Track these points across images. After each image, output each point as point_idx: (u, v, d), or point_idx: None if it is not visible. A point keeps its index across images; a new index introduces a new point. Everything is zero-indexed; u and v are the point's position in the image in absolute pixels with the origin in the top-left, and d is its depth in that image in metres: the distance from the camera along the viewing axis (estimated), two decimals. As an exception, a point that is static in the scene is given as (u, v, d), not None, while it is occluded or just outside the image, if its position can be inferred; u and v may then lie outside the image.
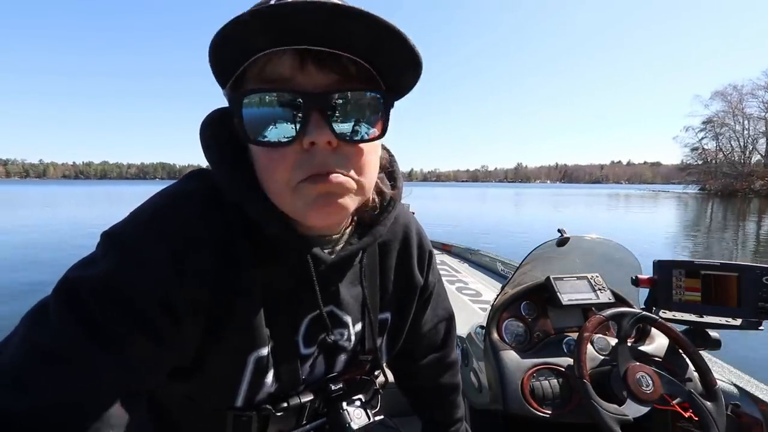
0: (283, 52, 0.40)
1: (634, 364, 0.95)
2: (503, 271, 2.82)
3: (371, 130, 0.45)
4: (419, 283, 0.70)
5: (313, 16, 0.36)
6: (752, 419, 1.03)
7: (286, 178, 0.43)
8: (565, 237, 1.25)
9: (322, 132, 0.41)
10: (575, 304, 1.15)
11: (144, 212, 0.46)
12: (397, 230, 0.67)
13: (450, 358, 0.82)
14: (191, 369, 0.49)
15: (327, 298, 0.57)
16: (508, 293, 1.24)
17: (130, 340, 0.40)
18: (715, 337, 1.08)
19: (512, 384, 1.03)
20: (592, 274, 1.23)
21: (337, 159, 0.43)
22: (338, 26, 0.37)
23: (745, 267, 1.07)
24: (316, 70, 0.41)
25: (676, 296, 1.15)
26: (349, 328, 0.60)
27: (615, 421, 0.89)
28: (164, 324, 0.42)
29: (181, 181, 0.51)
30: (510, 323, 1.20)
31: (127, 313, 0.40)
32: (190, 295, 0.44)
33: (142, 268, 0.42)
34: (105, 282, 0.40)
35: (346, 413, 0.59)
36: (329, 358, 0.60)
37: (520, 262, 1.28)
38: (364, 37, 0.39)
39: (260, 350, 0.51)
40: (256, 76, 0.42)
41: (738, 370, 1.17)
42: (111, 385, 0.39)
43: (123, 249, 0.42)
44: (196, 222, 0.46)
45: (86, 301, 0.40)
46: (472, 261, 3.32)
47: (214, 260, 0.46)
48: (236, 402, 0.52)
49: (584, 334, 1.00)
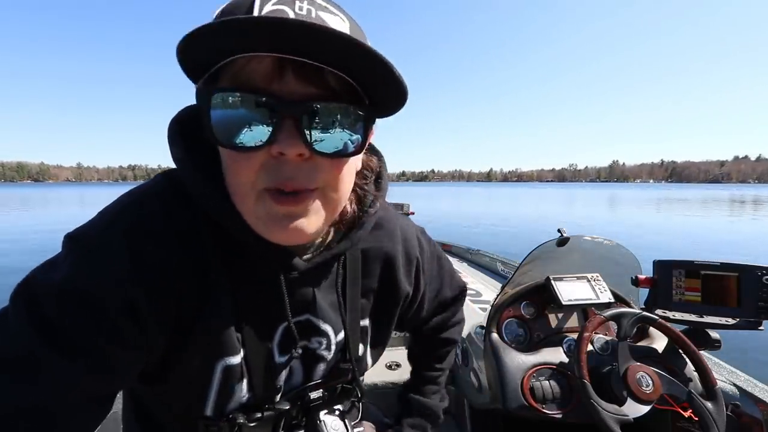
0: (263, 58, 0.39)
1: (634, 364, 0.95)
2: (503, 271, 2.82)
3: (348, 145, 0.43)
4: (405, 292, 0.67)
5: (298, 30, 0.35)
6: (752, 419, 1.03)
7: (250, 181, 0.41)
8: (565, 237, 1.25)
9: (292, 142, 0.39)
10: (575, 304, 1.15)
11: (107, 213, 0.45)
12: (381, 237, 0.64)
13: (453, 319, 0.84)
14: (160, 373, 0.48)
15: (302, 307, 0.55)
16: (508, 293, 1.24)
17: (91, 344, 0.39)
18: (715, 337, 1.08)
19: (512, 384, 1.03)
20: (592, 274, 1.22)
21: (307, 171, 0.42)
22: (319, 42, 0.36)
23: (745, 267, 1.06)
24: (295, 80, 0.39)
25: (676, 296, 1.15)
26: (329, 336, 0.58)
27: (615, 421, 0.89)
28: (126, 326, 0.41)
29: (150, 181, 0.50)
30: (510, 323, 1.20)
31: (87, 316, 0.39)
32: (153, 291, 0.43)
33: (102, 269, 0.40)
34: (64, 286, 0.39)
35: (323, 424, 0.58)
36: (308, 367, 0.58)
37: (520, 262, 1.28)
38: (344, 54, 0.38)
39: (229, 358, 0.49)
40: (231, 77, 0.40)
41: (738, 370, 1.17)
42: (72, 391, 0.38)
43: (83, 250, 0.41)
44: (156, 217, 0.44)
45: (45, 305, 0.38)
46: (472, 261, 3.32)
47: (177, 256, 0.44)
48: (205, 411, 0.51)
49: (584, 334, 1.00)
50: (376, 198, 0.57)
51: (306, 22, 0.34)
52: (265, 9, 0.38)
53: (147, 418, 0.58)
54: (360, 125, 0.43)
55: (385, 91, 0.42)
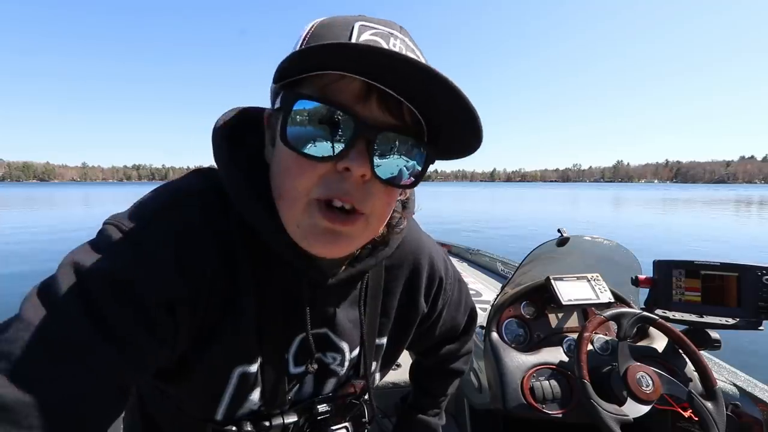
0: (353, 79, 0.40)
1: (634, 364, 0.95)
2: (503, 271, 2.82)
3: (404, 177, 0.45)
4: (422, 311, 0.68)
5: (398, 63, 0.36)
6: (752, 419, 1.03)
7: (307, 188, 0.42)
8: (565, 237, 1.25)
9: (361, 162, 0.41)
10: (575, 304, 1.15)
11: (148, 208, 0.45)
12: (407, 254, 0.64)
13: (463, 350, 0.83)
14: (178, 374, 0.49)
15: (321, 321, 0.56)
16: (508, 293, 1.24)
17: (132, 336, 0.40)
18: (715, 337, 1.08)
19: (512, 384, 1.04)
20: (592, 274, 1.23)
21: (363, 193, 0.43)
22: (408, 75, 0.38)
23: (745, 267, 1.07)
24: (378, 107, 0.41)
25: (676, 296, 1.15)
26: (344, 353, 0.59)
27: (615, 421, 0.89)
28: (164, 323, 0.42)
29: (186, 178, 0.50)
30: (510, 323, 1.20)
31: (134, 310, 0.40)
32: (192, 294, 0.44)
33: (151, 267, 0.41)
34: (114, 276, 0.40)
35: None
36: (319, 380, 0.59)
37: (520, 262, 1.28)
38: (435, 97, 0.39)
39: (247, 366, 0.50)
40: (318, 89, 0.42)
41: (738, 370, 1.17)
42: (111, 378, 0.39)
43: (131, 243, 0.42)
44: (198, 220, 0.45)
45: (94, 292, 0.39)
46: (472, 261, 3.32)
47: (214, 261, 0.45)
48: (216, 415, 0.51)
49: (584, 334, 1.00)
50: (403, 217, 0.58)
51: (409, 57, 0.35)
52: (363, 37, 0.42)
53: (150, 420, 0.58)
54: (421, 161, 0.46)
55: (457, 132, 0.44)
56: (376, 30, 0.43)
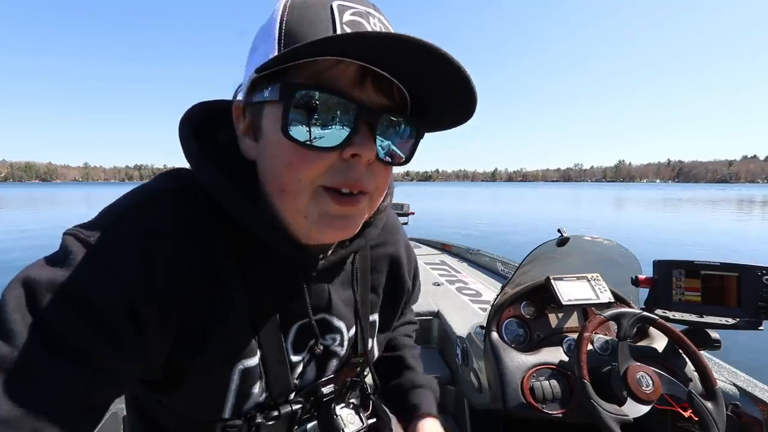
0: (349, 64, 0.39)
1: (634, 364, 0.95)
2: (503, 271, 2.82)
3: (401, 154, 0.47)
4: (408, 286, 0.72)
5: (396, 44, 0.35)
6: (752, 419, 1.03)
7: (312, 178, 0.42)
8: (565, 237, 1.25)
9: (368, 147, 0.41)
10: (575, 304, 1.15)
11: (111, 212, 0.43)
12: (388, 235, 0.68)
13: (407, 317, 0.88)
14: (171, 382, 0.47)
15: (318, 305, 0.56)
16: (508, 293, 1.24)
17: (89, 349, 0.38)
18: (715, 337, 1.08)
19: (512, 384, 1.04)
20: (592, 274, 1.23)
21: (369, 175, 0.44)
22: (403, 56, 0.37)
23: (745, 267, 1.06)
24: (374, 90, 0.41)
25: (676, 296, 1.15)
26: (342, 333, 0.59)
27: (615, 421, 0.89)
28: (128, 333, 0.40)
29: (153, 180, 0.49)
30: (510, 323, 1.20)
31: (89, 322, 0.38)
32: (160, 297, 0.41)
33: (106, 272, 0.39)
34: (66, 287, 0.38)
35: (340, 419, 0.59)
36: (321, 364, 0.59)
37: (520, 263, 1.28)
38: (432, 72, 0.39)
39: (246, 361, 0.49)
40: (311, 77, 0.40)
41: (738, 370, 1.17)
42: (65, 397, 0.37)
43: (87, 252, 0.40)
44: (167, 218, 0.44)
45: (44, 305, 0.37)
46: (472, 261, 3.31)
47: (188, 259, 0.43)
48: (224, 413, 0.51)
49: (584, 334, 1.00)
50: (385, 197, 0.58)
51: (405, 36, 0.35)
52: (345, 18, 0.41)
53: (152, 421, 0.58)
54: (413, 137, 0.47)
55: (451, 101, 0.43)
56: (354, 9, 0.42)
